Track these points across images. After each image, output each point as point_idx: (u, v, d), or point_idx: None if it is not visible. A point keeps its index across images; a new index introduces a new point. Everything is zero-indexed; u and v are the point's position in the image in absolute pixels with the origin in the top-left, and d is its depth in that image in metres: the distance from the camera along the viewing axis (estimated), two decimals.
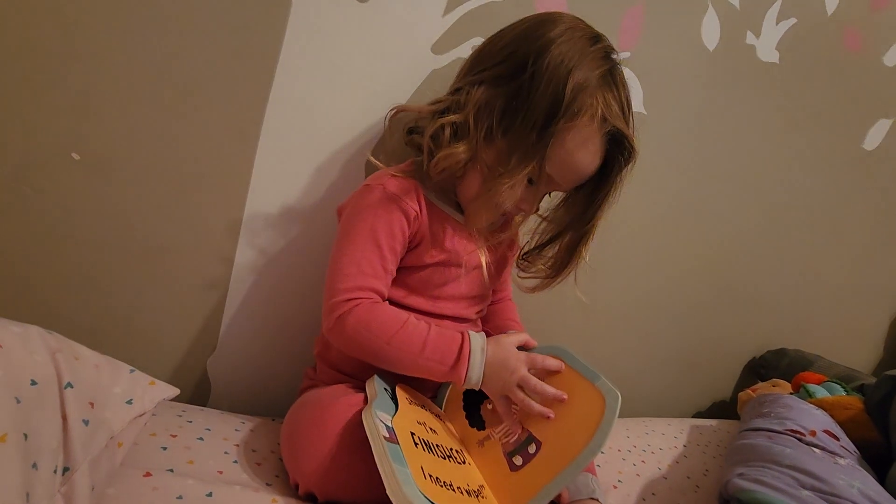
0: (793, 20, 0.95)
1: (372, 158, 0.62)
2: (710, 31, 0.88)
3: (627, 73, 0.82)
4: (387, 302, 0.58)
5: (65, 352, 0.41)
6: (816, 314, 1.22)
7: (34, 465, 0.34)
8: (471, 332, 0.56)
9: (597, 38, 0.56)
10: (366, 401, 0.53)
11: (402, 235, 0.58)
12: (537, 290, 0.64)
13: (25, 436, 0.34)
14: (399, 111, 0.63)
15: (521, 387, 0.54)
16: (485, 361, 0.55)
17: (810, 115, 1.03)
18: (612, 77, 0.56)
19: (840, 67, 1.03)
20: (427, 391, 0.63)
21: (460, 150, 0.56)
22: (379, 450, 0.44)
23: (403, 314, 0.56)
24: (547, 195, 0.63)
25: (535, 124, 0.53)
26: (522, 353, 0.56)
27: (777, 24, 0.94)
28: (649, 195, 0.92)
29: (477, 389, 0.56)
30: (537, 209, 0.65)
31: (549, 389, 0.53)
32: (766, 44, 0.94)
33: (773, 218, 1.07)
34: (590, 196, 0.59)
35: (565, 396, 0.52)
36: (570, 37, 0.54)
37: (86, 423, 0.40)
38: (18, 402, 0.35)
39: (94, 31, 0.55)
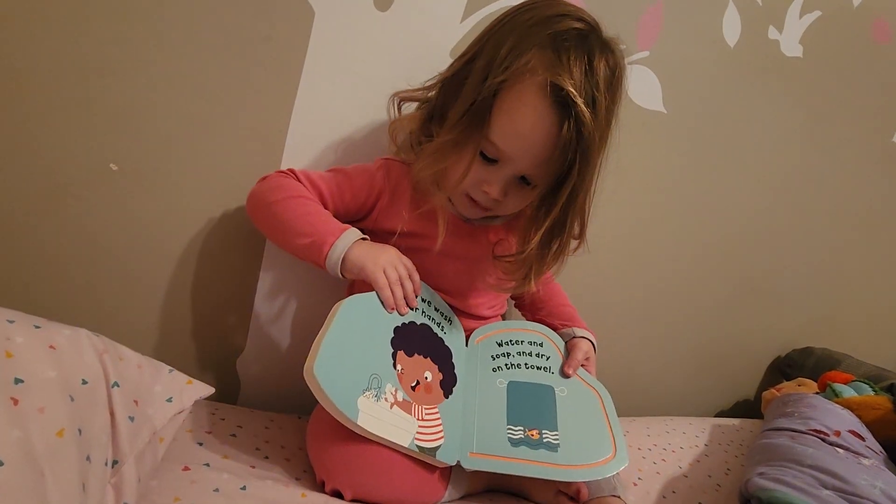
0: (817, 13, 0.93)
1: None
2: (731, 27, 0.87)
3: (646, 72, 0.83)
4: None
5: (110, 353, 0.44)
6: (844, 311, 1.19)
7: (88, 458, 0.37)
8: (351, 229, 0.57)
9: (567, 12, 0.53)
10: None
11: (360, 190, 0.62)
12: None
13: (80, 431, 0.37)
14: (400, 97, 0.65)
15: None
16: (350, 249, 0.55)
17: (837, 110, 1.01)
18: (565, 37, 0.50)
19: (868, 60, 1.00)
20: None
21: (415, 115, 0.61)
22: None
23: (308, 194, 0.59)
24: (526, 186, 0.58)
25: (476, 86, 0.52)
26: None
27: (800, 17, 0.92)
28: (671, 192, 0.92)
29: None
30: (531, 204, 0.59)
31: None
32: (790, 38, 0.92)
33: (799, 214, 1.05)
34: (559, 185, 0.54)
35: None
36: (534, 6, 0.54)
37: (131, 419, 0.42)
38: (72, 399, 0.38)
39: (130, 50, 0.58)
